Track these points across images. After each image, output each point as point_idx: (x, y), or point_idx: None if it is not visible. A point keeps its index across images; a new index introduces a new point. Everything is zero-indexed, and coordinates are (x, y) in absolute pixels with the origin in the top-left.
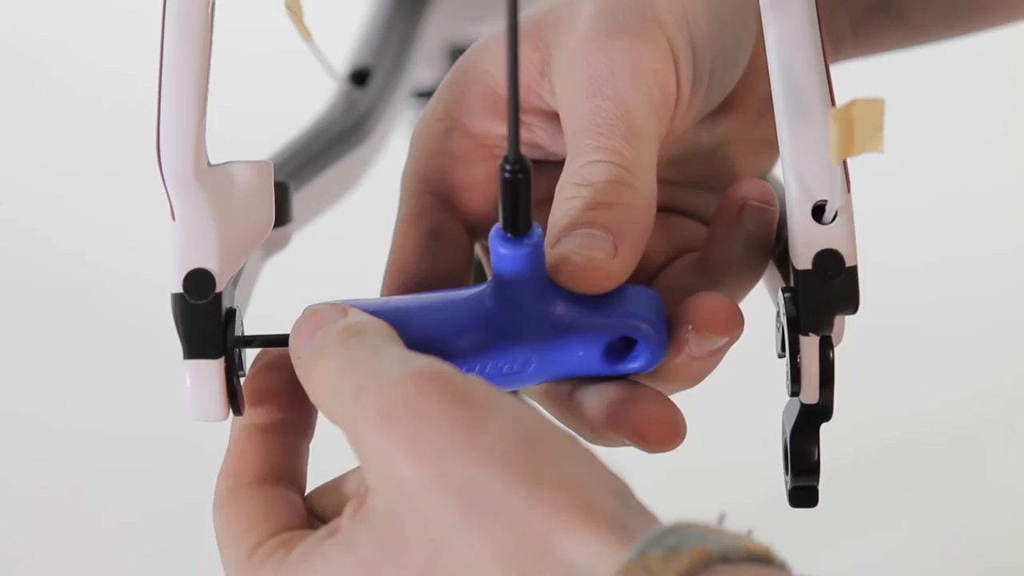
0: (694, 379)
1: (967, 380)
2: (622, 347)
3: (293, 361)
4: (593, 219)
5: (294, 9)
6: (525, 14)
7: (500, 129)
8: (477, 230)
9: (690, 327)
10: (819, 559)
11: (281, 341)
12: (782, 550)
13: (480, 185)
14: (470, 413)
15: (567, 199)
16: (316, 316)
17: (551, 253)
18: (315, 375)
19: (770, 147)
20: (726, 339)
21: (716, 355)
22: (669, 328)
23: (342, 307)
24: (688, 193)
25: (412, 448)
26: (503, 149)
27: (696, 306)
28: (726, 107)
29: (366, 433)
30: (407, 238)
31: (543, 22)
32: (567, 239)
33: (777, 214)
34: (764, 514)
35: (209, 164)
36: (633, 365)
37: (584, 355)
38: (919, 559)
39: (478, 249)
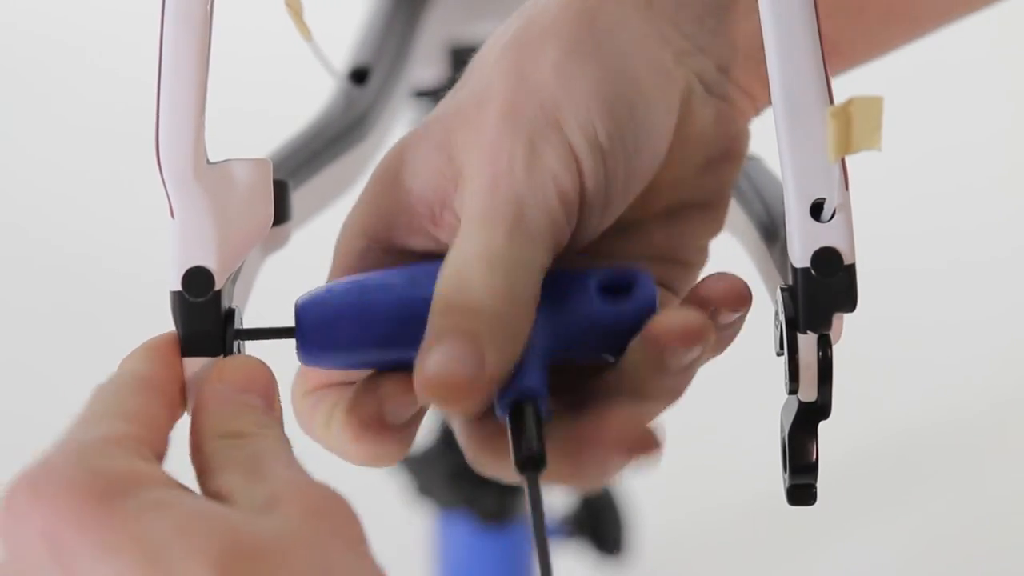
0: (674, 394)
1: (966, 381)
2: (618, 288)
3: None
4: (457, 325)
5: (294, 7)
6: (434, 114)
7: (415, 243)
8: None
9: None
10: (818, 559)
11: (281, 334)
12: (781, 550)
13: None
14: None
15: (439, 295)
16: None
17: (417, 368)
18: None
19: (714, 204)
20: (699, 349)
21: (691, 368)
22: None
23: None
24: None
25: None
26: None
27: (665, 323)
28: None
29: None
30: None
31: (452, 127)
32: (430, 353)
33: (707, 349)
34: (763, 514)
35: (208, 162)
36: (631, 303)
37: (580, 296)
38: (918, 560)
39: None
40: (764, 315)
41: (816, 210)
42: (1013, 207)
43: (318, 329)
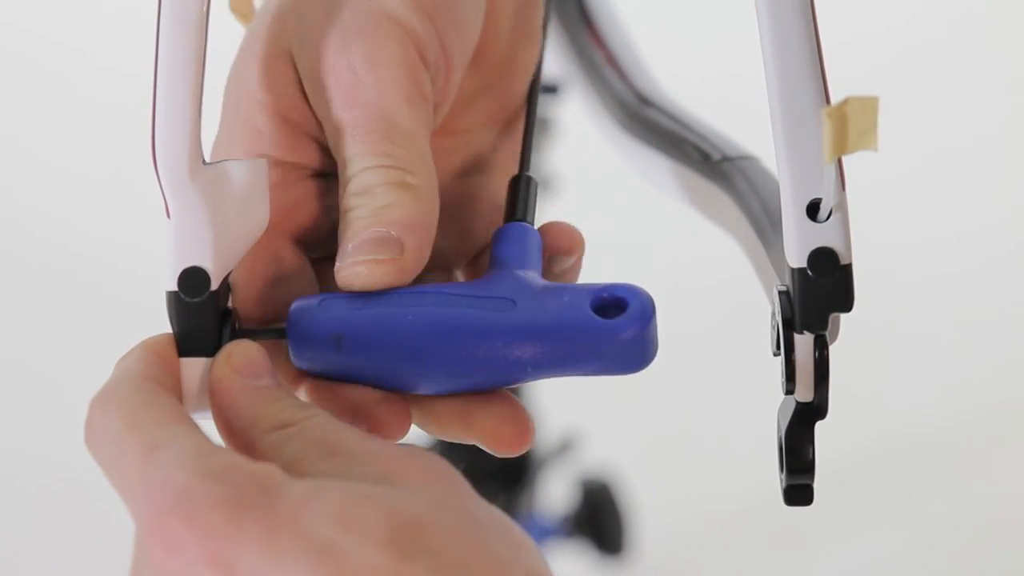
0: None
1: (966, 383)
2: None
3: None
4: (377, 221)
5: (241, 11)
6: (254, 24)
7: (300, 153)
8: (309, 247)
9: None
10: (817, 560)
11: (275, 334)
12: (781, 550)
13: (302, 206)
14: None
15: (350, 210)
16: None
17: (339, 268)
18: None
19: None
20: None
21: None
22: None
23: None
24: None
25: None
26: (310, 168)
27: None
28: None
29: None
30: (253, 272)
31: (283, 34)
32: (354, 245)
33: (578, 261)
34: (763, 514)
35: (204, 162)
36: (624, 318)
37: (573, 310)
38: (918, 560)
39: None
40: (763, 316)
41: (812, 210)
42: (1012, 210)
43: (309, 333)
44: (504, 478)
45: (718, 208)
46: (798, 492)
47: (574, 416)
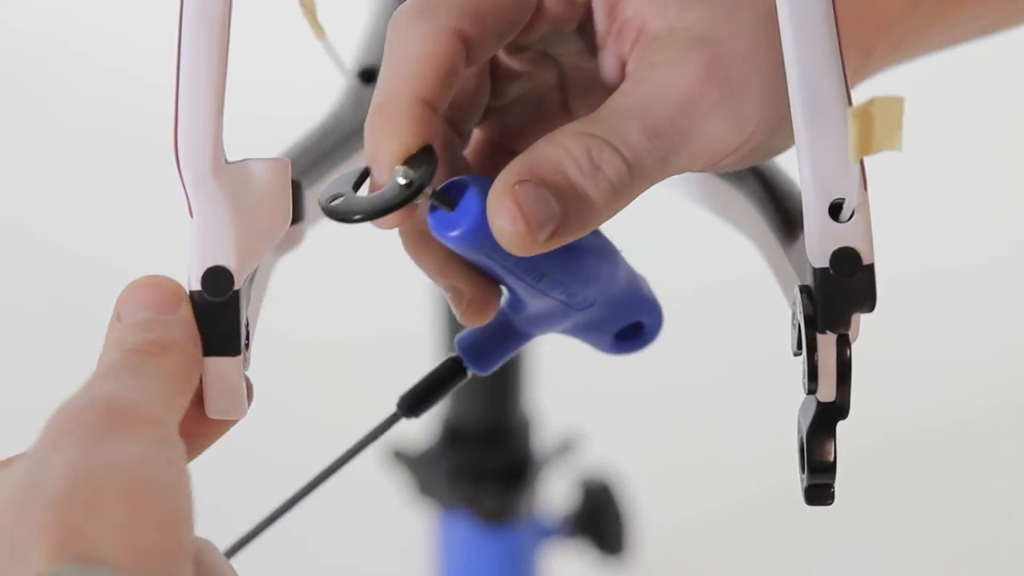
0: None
1: (967, 382)
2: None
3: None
4: (564, 193)
5: (308, 6)
6: None
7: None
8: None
9: None
10: (818, 559)
11: (442, 201)
12: (781, 550)
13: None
14: None
15: (564, 153)
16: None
17: (506, 189)
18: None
19: None
20: None
21: None
22: None
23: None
24: None
25: None
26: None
27: None
28: None
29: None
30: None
31: None
32: (530, 190)
33: None
34: (763, 514)
35: (227, 161)
36: (639, 343)
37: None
38: (918, 560)
39: None
40: (763, 316)
41: (835, 210)
42: (1012, 209)
43: (478, 218)
44: (504, 478)
45: (732, 207)
46: (819, 492)
47: (574, 416)
